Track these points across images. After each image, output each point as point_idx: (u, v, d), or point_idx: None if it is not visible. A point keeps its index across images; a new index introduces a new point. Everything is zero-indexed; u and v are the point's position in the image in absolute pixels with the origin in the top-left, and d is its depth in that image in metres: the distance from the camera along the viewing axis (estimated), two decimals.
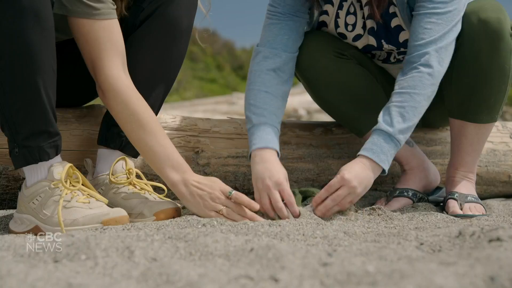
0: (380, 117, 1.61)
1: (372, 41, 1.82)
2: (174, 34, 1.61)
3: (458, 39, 1.69)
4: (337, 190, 1.54)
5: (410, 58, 1.64)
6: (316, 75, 1.83)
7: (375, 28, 1.79)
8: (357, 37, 1.83)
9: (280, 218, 1.53)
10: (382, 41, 1.81)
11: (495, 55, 1.68)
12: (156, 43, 1.60)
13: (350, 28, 1.82)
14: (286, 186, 1.56)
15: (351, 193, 1.54)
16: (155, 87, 1.62)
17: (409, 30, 1.74)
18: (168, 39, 1.61)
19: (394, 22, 1.76)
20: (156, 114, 1.66)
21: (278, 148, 1.65)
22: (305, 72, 1.84)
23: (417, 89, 1.60)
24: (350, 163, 1.59)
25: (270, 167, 1.58)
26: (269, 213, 1.55)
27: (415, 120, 1.61)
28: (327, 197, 1.54)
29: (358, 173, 1.54)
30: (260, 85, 1.71)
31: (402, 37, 1.78)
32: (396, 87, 1.64)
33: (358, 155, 1.60)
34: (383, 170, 1.58)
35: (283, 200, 1.55)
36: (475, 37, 1.67)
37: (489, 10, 1.67)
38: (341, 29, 1.83)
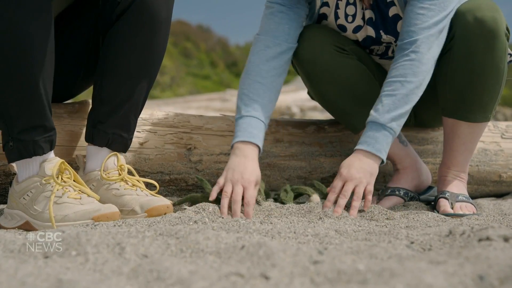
0: (373, 109, 1.64)
1: (371, 32, 1.82)
2: (154, 26, 1.56)
3: (453, 37, 1.70)
4: (342, 187, 1.57)
5: (402, 45, 1.66)
6: (317, 69, 1.83)
7: (373, 19, 1.79)
8: (357, 29, 1.83)
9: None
10: (381, 31, 1.81)
11: (490, 54, 1.69)
12: (135, 37, 1.56)
13: (350, 19, 1.82)
14: (252, 188, 1.56)
15: (358, 184, 1.57)
16: (138, 81, 1.58)
17: None
18: (148, 32, 1.56)
19: (392, 11, 1.77)
20: (141, 109, 1.64)
21: (261, 144, 1.65)
22: (306, 66, 1.84)
23: (408, 77, 1.62)
24: (347, 159, 1.62)
25: (247, 165, 1.59)
26: (224, 203, 1.51)
27: (408, 107, 1.63)
28: (336, 197, 1.56)
29: (356, 165, 1.58)
30: (256, 75, 1.72)
31: (400, 26, 1.78)
32: (387, 76, 1.66)
33: (355, 149, 1.62)
34: (382, 160, 1.61)
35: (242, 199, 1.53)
36: (470, 36, 1.68)
37: (485, 9, 1.67)
38: (341, 21, 1.83)
